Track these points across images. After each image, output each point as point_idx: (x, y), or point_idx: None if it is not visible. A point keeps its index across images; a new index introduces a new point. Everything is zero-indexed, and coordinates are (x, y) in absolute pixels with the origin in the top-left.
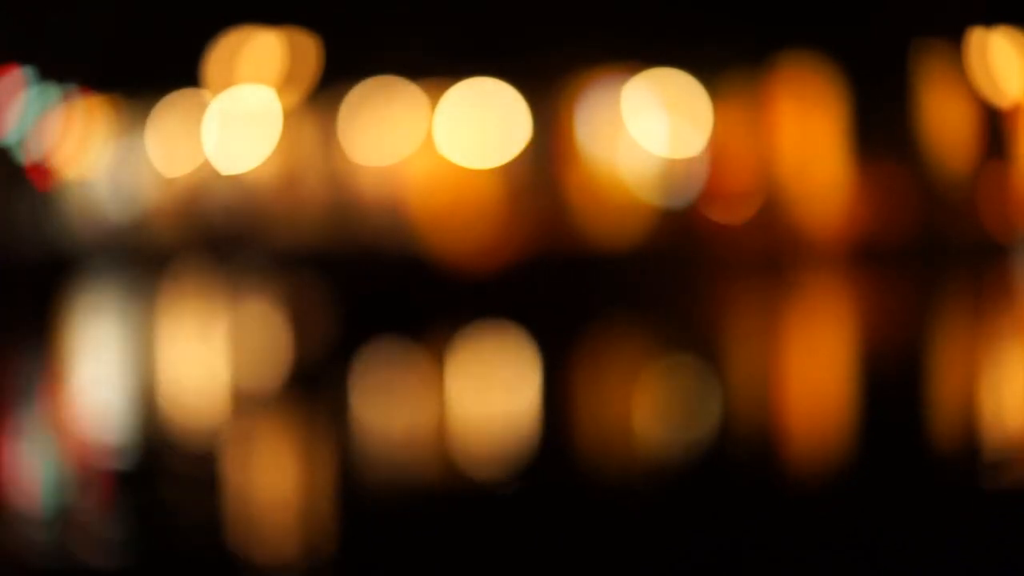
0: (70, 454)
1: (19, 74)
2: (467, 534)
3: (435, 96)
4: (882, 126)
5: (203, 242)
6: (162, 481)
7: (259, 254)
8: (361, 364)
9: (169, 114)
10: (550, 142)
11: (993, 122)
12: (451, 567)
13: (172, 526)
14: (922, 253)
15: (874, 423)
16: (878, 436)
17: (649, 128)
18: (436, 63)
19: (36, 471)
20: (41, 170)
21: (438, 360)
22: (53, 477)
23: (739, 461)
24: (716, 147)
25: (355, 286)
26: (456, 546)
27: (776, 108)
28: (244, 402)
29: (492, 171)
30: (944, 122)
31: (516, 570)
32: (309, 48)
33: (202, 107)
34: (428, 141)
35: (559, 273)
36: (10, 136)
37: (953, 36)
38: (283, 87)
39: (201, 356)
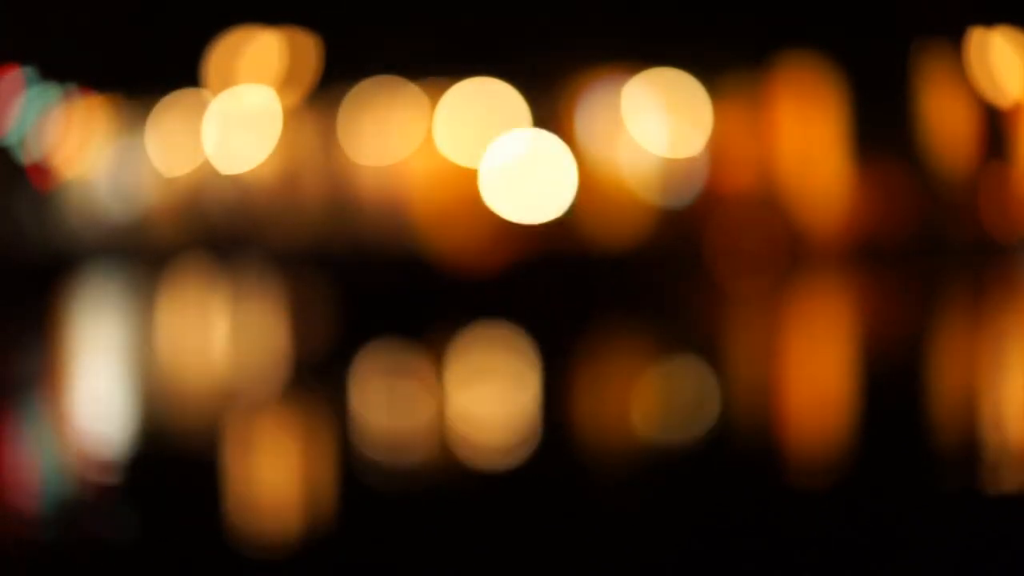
0: (70, 453)
1: (19, 74)
2: (467, 533)
3: (435, 96)
4: (882, 126)
5: (203, 242)
6: (162, 481)
7: (259, 254)
8: (361, 364)
9: (169, 114)
10: None
11: (993, 122)
12: (450, 564)
13: (172, 525)
14: (922, 253)
15: (875, 423)
16: (879, 436)
17: (649, 128)
18: (436, 63)
19: (36, 470)
20: (41, 170)
21: (438, 360)
22: (53, 476)
23: (739, 461)
24: (716, 147)
25: (355, 286)
26: (456, 545)
27: (776, 108)
28: (244, 401)
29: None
30: (944, 122)
31: (516, 568)
32: (309, 48)
33: (202, 107)
34: (428, 141)
35: (559, 273)
36: (10, 136)
37: (953, 36)
38: (283, 87)
39: (201, 355)
